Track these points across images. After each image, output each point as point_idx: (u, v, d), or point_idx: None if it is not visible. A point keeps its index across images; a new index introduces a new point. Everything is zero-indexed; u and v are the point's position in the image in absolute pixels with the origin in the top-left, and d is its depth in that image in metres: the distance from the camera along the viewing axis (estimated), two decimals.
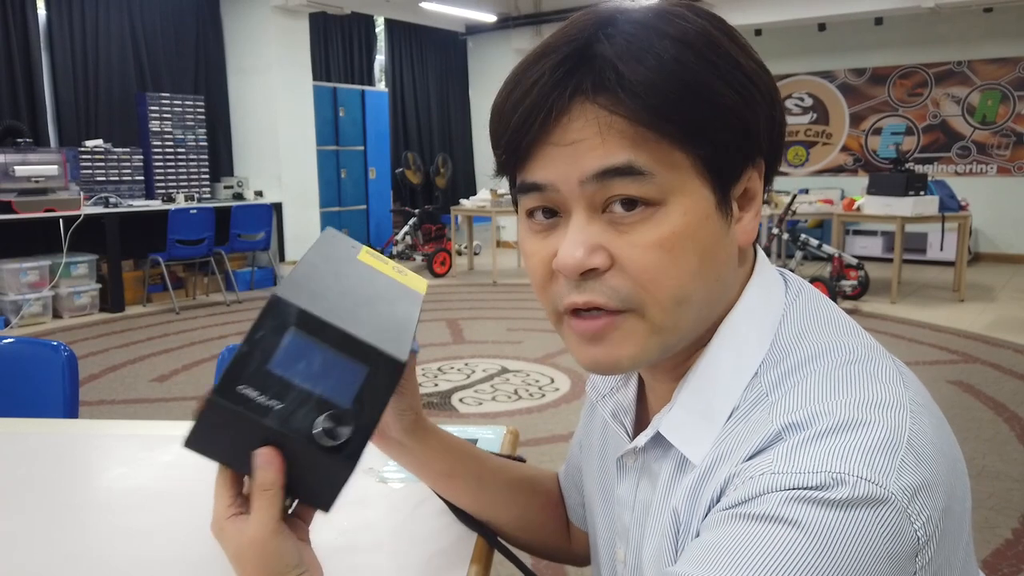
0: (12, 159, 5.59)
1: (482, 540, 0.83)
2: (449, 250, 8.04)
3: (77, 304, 5.98)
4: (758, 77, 0.54)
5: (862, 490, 0.45)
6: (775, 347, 0.56)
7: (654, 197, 0.52)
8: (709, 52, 0.52)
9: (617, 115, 0.51)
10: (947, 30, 8.45)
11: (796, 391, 0.52)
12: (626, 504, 0.65)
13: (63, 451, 1.12)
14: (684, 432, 0.57)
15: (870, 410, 0.49)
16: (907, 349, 4.69)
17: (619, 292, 0.54)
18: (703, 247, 0.53)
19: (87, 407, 3.75)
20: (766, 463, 0.49)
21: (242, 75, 7.68)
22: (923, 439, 0.49)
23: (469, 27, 10.14)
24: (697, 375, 0.58)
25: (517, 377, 4.27)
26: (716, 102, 0.52)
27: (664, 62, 0.51)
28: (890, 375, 0.53)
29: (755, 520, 0.47)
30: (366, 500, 0.91)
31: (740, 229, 0.56)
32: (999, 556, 2.32)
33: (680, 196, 0.52)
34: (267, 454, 0.52)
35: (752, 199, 0.57)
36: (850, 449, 0.47)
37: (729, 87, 0.52)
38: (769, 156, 0.57)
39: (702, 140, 0.52)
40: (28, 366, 1.50)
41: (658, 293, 0.53)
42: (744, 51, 0.55)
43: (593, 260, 0.53)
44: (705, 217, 0.53)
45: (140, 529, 0.88)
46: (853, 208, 6.22)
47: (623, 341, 0.55)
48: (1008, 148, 8.44)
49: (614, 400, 0.69)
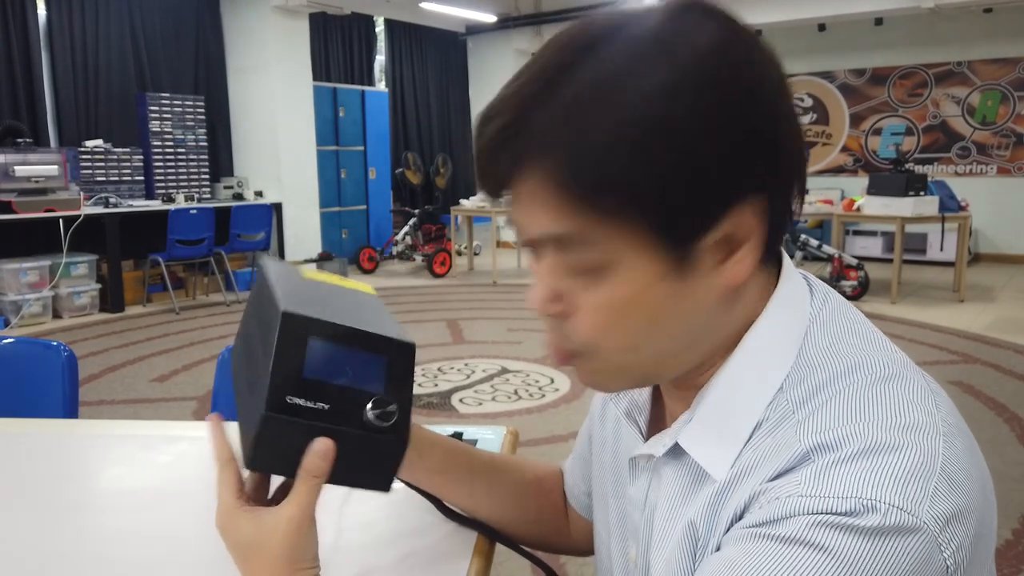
0: (12, 159, 5.59)
1: (482, 539, 0.83)
2: (449, 250, 8.04)
3: (77, 304, 5.98)
4: (747, 114, 0.49)
5: (894, 519, 0.44)
6: (801, 361, 0.54)
7: (593, 263, 0.51)
8: (673, 105, 0.47)
9: (553, 183, 0.49)
10: (947, 30, 8.45)
11: (825, 410, 0.50)
12: (637, 504, 0.64)
13: (63, 451, 1.12)
14: (705, 447, 0.56)
15: (902, 434, 0.48)
16: (907, 349, 4.64)
17: (572, 339, 0.55)
18: (651, 310, 0.52)
19: (87, 407, 3.75)
20: (793, 484, 0.47)
21: (242, 75, 7.68)
22: (956, 465, 0.47)
23: (469, 27, 10.14)
24: (718, 388, 0.56)
25: (517, 377, 4.27)
26: (658, 171, 0.47)
27: (605, 131, 0.47)
28: (923, 395, 0.51)
29: (780, 542, 0.46)
30: (366, 500, 0.91)
31: (727, 270, 0.52)
32: (999, 557, 2.32)
33: (621, 263, 0.50)
34: (325, 443, 0.55)
35: (742, 241, 0.52)
36: (882, 475, 0.46)
37: (687, 143, 0.47)
38: (776, 188, 0.52)
39: (644, 209, 0.48)
40: (28, 366, 1.50)
41: (606, 344, 0.54)
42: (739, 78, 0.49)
43: (551, 308, 0.54)
44: (652, 283, 0.51)
45: (140, 529, 0.88)
46: (853, 208, 6.22)
47: (594, 374, 0.57)
48: (1008, 148, 8.44)
49: (628, 398, 0.68)
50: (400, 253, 8.50)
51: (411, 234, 8.42)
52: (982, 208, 8.23)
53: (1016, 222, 8.44)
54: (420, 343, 4.98)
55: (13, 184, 5.58)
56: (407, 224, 8.48)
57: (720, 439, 0.55)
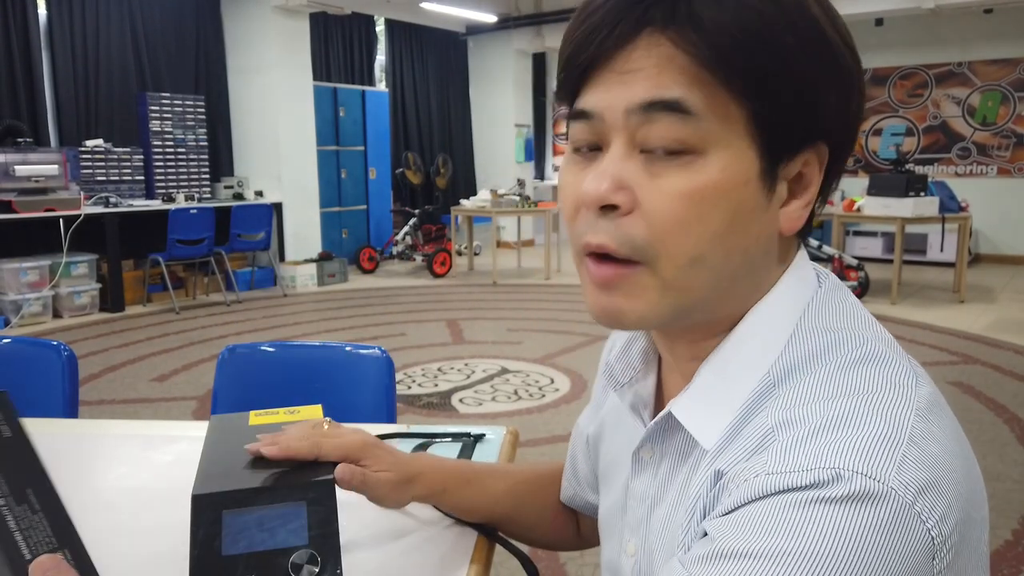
0: (12, 159, 5.59)
1: (482, 540, 0.83)
2: (449, 250, 8.04)
3: (77, 304, 5.98)
4: (841, 55, 0.52)
5: (859, 485, 0.43)
6: (793, 337, 0.54)
7: (696, 143, 0.50)
8: (795, 11, 0.50)
9: (680, 50, 0.49)
10: (947, 31, 8.45)
11: (799, 387, 0.51)
12: (639, 498, 0.64)
13: (63, 451, 1.12)
14: (695, 415, 0.56)
15: (870, 407, 0.48)
16: (907, 350, 4.60)
17: (633, 240, 0.51)
18: (733, 210, 0.51)
19: (87, 407, 3.75)
20: (760, 464, 0.47)
21: (242, 75, 7.68)
22: (928, 438, 0.47)
23: (469, 27, 10.14)
24: (719, 359, 0.56)
25: (517, 377, 4.27)
26: (786, 61, 0.49)
27: (742, 7, 0.48)
28: (902, 375, 0.51)
29: (752, 524, 0.45)
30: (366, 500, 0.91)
31: (785, 214, 0.53)
32: (999, 557, 2.32)
33: (723, 150, 0.50)
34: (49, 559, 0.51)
35: (806, 187, 0.54)
36: (847, 444, 0.45)
37: (804, 53, 0.50)
38: (836, 146, 0.54)
39: (761, 96, 0.49)
40: (28, 366, 1.50)
41: (673, 248, 0.51)
42: (835, 26, 0.52)
43: (615, 196, 0.51)
44: (744, 181, 0.51)
45: (140, 529, 0.88)
46: (853, 209, 6.22)
47: (632, 295, 0.53)
48: (1008, 149, 8.44)
49: (633, 391, 0.67)
50: (400, 253, 8.51)
51: (411, 234, 8.42)
52: (982, 209, 8.23)
53: (1016, 223, 8.44)
54: (420, 343, 5.02)
55: (13, 184, 5.58)
56: (407, 224, 8.48)
57: (710, 408, 0.55)
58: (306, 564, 0.58)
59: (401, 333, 5.37)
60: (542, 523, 0.87)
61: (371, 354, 1.44)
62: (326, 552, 0.59)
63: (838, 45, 0.51)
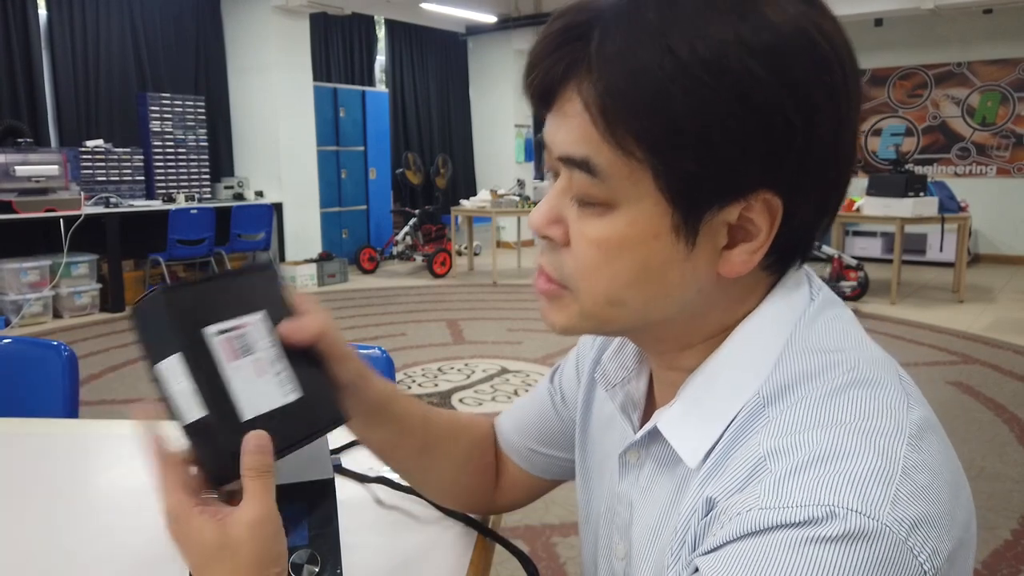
0: (12, 159, 5.59)
1: (482, 540, 0.84)
2: (449, 250, 8.04)
3: (77, 304, 5.98)
4: (778, 106, 0.47)
5: (854, 523, 0.43)
6: (783, 357, 0.54)
7: (605, 199, 0.51)
8: (699, 67, 0.46)
9: (594, 106, 0.49)
10: (947, 31, 8.45)
11: (790, 412, 0.50)
12: (624, 501, 0.64)
13: (63, 451, 1.12)
14: (681, 432, 0.56)
15: (863, 438, 0.47)
16: (907, 350, 4.69)
17: (562, 270, 0.55)
18: (642, 261, 0.52)
19: (87, 407, 3.75)
20: (753, 498, 0.47)
21: (242, 75, 7.68)
22: (921, 469, 0.46)
23: (469, 28, 10.15)
24: (704, 376, 0.56)
25: (517, 377, 4.27)
26: (686, 120, 0.47)
27: (643, 70, 0.47)
28: (894, 399, 0.50)
29: (745, 560, 0.45)
30: (365, 500, 0.91)
31: (727, 258, 0.52)
32: (998, 557, 2.32)
33: (633, 204, 0.51)
34: (258, 437, 0.54)
35: (754, 234, 0.51)
36: (840, 479, 0.45)
37: (711, 110, 0.47)
38: (793, 190, 0.51)
39: (660, 156, 0.49)
40: (28, 366, 1.50)
41: (590, 287, 0.54)
42: (782, 80, 0.47)
43: (550, 231, 0.55)
44: (654, 234, 0.51)
45: (140, 529, 0.88)
46: (853, 209, 6.22)
47: (558, 310, 0.57)
48: (1008, 149, 8.44)
49: (624, 392, 0.67)
50: (400, 253, 8.51)
51: (411, 234, 8.42)
52: (982, 209, 8.23)
53: (1016, 223, 8.45)
54: (420, 343, 5.02)
55: (13, 184, 5.58)
56: (407, 224, 8.48)
57: (696, 426, 0.55)
58: (306, 564, 0.59)
59: (401, 333, 5.37)
60: (453, 469, 0.82)
61: (371, 354, 1.44)
62: (326, 552, 0.60)
63: (773, 97, 0.47)
